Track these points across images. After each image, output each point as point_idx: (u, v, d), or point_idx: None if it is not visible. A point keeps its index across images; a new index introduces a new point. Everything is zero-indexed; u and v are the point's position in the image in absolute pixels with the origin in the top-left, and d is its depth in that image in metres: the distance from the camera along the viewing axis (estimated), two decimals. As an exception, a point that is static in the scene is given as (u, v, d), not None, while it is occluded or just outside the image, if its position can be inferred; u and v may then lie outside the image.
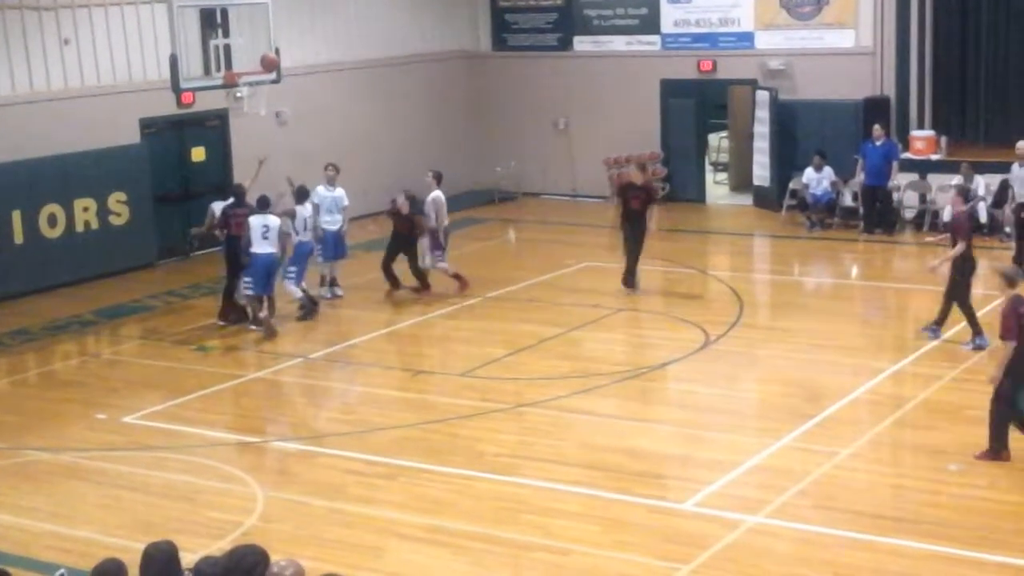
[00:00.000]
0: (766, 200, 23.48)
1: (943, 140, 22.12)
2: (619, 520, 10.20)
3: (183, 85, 18.31)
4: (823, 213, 21.73)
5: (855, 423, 12.30)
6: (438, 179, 17.85)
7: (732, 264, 20.48)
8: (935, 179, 21.45)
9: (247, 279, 15.86)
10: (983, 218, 20.44)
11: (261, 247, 15.66)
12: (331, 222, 17.44)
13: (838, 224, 21.50)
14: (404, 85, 24.93)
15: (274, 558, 6.60)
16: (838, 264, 20.03)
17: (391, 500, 10.73)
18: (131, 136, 20.21)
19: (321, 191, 17.52)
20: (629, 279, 17.39)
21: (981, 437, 11.61)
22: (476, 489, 10.95)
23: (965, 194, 16.42)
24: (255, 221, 15.77)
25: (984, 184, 20.63)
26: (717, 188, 25.99)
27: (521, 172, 25.65)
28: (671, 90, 24.69)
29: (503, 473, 11.27)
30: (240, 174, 21.71)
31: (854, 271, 19.90)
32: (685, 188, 24.65)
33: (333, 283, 17.72)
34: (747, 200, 24.20)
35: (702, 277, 18.75)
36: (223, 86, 19.58)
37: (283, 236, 15.91)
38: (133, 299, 18.33)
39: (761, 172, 23.64)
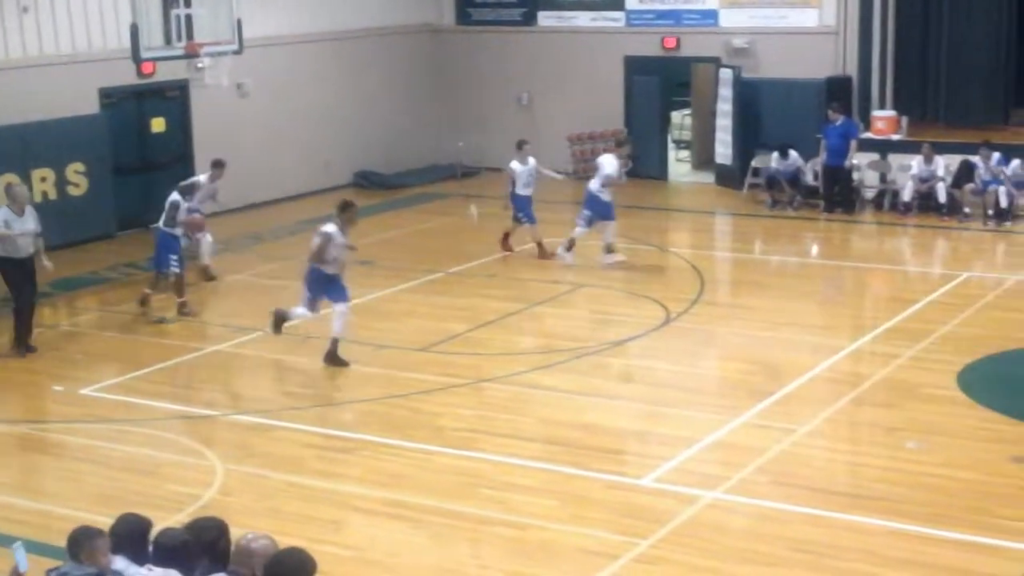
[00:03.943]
0: (728, 178, 23.55)
1: (904, 120, 22.24)
2: (578, 495, 10.23)
3: (143, 55, 18.09)
4: (785, 193, 21.81)
5: (814, 401, 12.38)
6: (519, 147, 18.56)
7: (693, 241, 20.56)
8: (896, 159, 21.58)
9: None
10: (942, 198, 20.59)
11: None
12: None
13: (799, 203, 21.60)
14: (367, 58, 24.80)
15: (239, 532, 6.61)
16: (798, 243, 20.13)
17: (350, 474, 10.72)
18: (90, 106, 20.01)
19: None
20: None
21: (938, 415, 11.77)
22: (436, 463, 10.95)
23: None
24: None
25: (944, 165, 20.78)
26: (679, 166, 26.04)
27: (484, 147, 25.58)
28: (635, 67, 24.69)
29: (463, 448, 11.28)
30: (200, 146, 21.62)
31: (814, 250, 20.01)
32: (647, 165, 24.65)
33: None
34: (709, 178, 24.26)
35: (663, 254, 18.82)
36: (184, 56, 19.36)
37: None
38: (91, 271, 18.19)
39: (723, 150, 23.69)
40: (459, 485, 10.46)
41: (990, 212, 20.24)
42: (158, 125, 21.23)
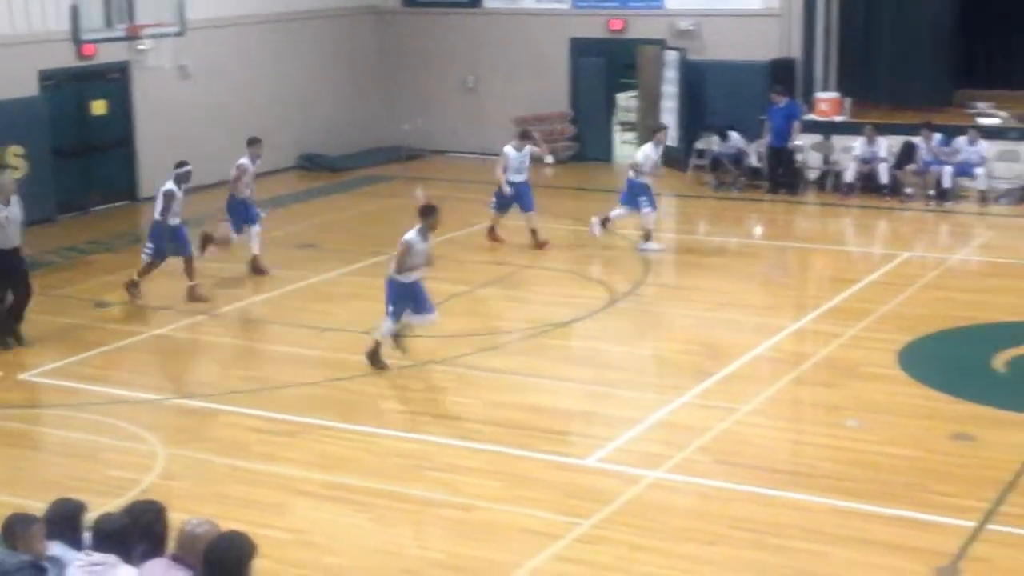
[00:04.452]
0: (673, 160, 23.57)
1: (847, 102, 22.40)
2: (522, 476, 10.25)
3: (84, 36, 17.92)
4: (729, 174, 21.92)
5: (756, 380, 12.46)
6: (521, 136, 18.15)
7: (638, 223, 20.58)
8: (839, 140, 21.74)
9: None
10: (884, 179, 20.78)
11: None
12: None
13: (743, 184, 21.72)
14: (312, 40, 24.64)
15: (181, 517, 6.56)
16: (742, 224, 20.24)
17: (294, 457, 10.67)
18: (30, 88, 19.71)
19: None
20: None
21: (879, 393, 11.89)
22: (380, 446, 10.94)
23: None
24: None
25: (886, 146, 20.97)
26: (625, 148, 26.04)
27: (429, 130, 25.51)
28: (581, 49, 24.70)
29: (407, 430, 11.27)
30: (142, 129, 21.41)
31: (758, 231, 20.12)
32: (593, 148, 24.71)
33: None
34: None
35: (609, 236, 18.83)
36: (125, 38, 19.20)
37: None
38: (31, 254, 17.90)
39: (669, 132, 23.71)
40: (403, 467, 10.45)
41: (931, 193, 20.46)
42: (99, 108, 20.99)
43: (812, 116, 22.15)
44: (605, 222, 17.88)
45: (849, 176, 21.12)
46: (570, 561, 8.81)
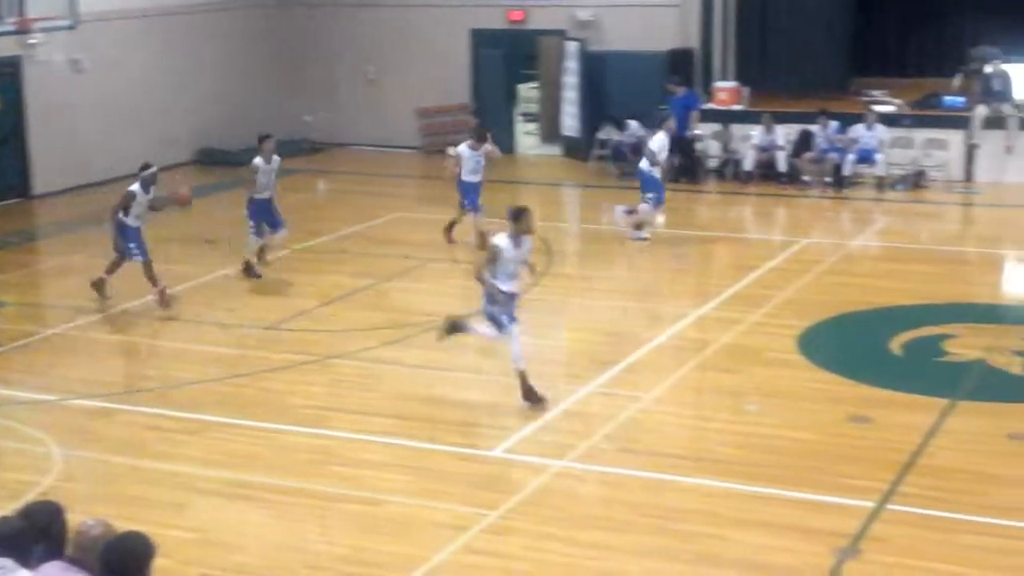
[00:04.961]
0: (575, 150, 23.72)
1: (745, 91, 22.66)
2: (429, 469, 10.22)
3: (-29, 30, 17.48)
4: (630, 164, 22.04)
5: (659, 368, 12.56)
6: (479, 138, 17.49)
7: (542, 214, 20.42)
8: (738, 129, 21.99)
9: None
10: (782, 167, 21.07)
11: None
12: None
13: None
14: (208, 33, 24.30)
15: (80, 518, 6.42)
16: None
17: (195, 456, 10.52)
18: (-84, 84, 19.23)
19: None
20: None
21: (779, 378, 12.06)
22: (283, 442, 10.83)
23: None
24: None
25: (784, 134, 21.25)
26: (527, 139, 26.12)
27: (331, 122, 25.32)
28: (481, 40, 24.68)
29: (312, 425, 11.17)
30: (34, 124, 20.94)
31: (659, 220, 20.23)
32: (495, 139, 24.63)
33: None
34: (557, 150, 24.41)
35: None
36: (16, 32, 18.75)
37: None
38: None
39: (570, 122, 23.86)
40: (308, 463, 10.36)
41: (828, 180, 20.79)
42: (-10, 103, 20.53)
43: (711, 105, 22.38)
44: (631, 212, 17.73)
45: (748, 164, 21.38)
46: (477, 552, 8.80)
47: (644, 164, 17.51)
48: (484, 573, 8.58)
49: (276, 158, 15.96)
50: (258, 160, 15.83)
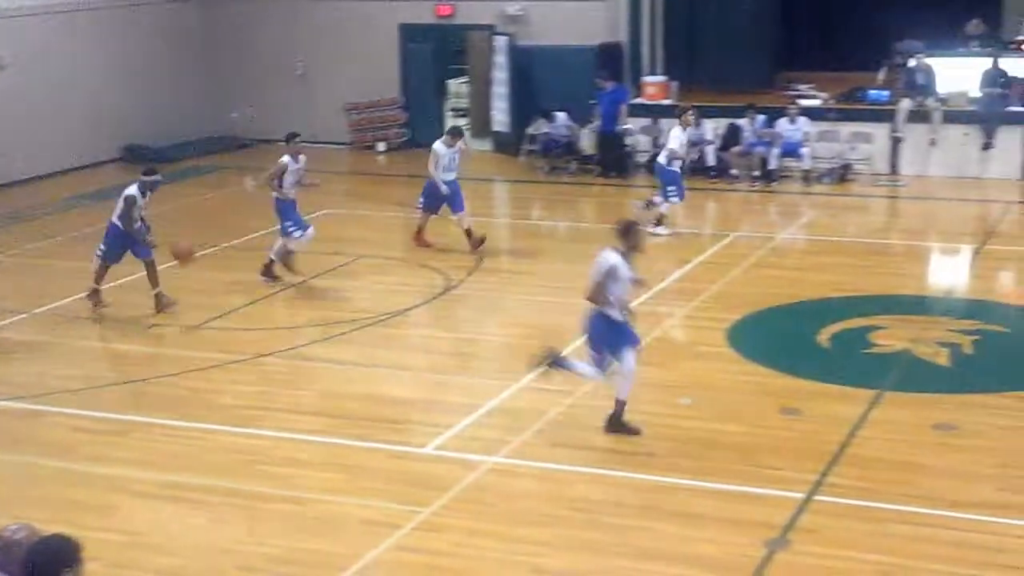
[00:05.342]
0: (505, 145, 23.72)
1: (674, 86, 22.79)
2: (361, 467, 10.17)
3: None
4: (561, 158, 22.11)
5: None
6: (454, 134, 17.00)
7: (472, 209, 20.54)
8: (667, 123, 22.07)
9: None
10: (711, 161, 21.22)
11: None
12: None
13: (575, 168, 21.92)
14: (134, 29, 24.01)
15: (4, 522, 6.31)
16: (575, 208, 20.44)
17: (123, 457, 10.39)
18: None
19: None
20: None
21: (710, 371, 12.14)
22: (214, 442, 10.73)
23: None
24: None
25: (712, 128, 21.40)
26: (457, 134, 26.05)
27: (259, 119, 25.11)
28: (410, 35, 24.61)
29: (242, 425, 11.07)
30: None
31: (590, 214, 20.34)
32: (424, 134, 24.59)
33: None
34: (487, 146, 24.39)
35: (442, 223, 18.79)
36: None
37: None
38: None
39: (500, 117, 23.87)
40: (238, 463, 10.27)
41: (756, 173, 20.97)
42: (-92, 100, 20.13)
43: (640, 100, 22.48)
44: (649, 205, 17.69)
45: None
46: (409, 550, 8.78)
47: (662, 159, 17.54)
48: (416, 570, 8.56)
49: (302, 157, 15.50)
50: (286, 159, 15.29)
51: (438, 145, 16.70)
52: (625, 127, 21.74)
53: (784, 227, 18.51)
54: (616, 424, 10.55)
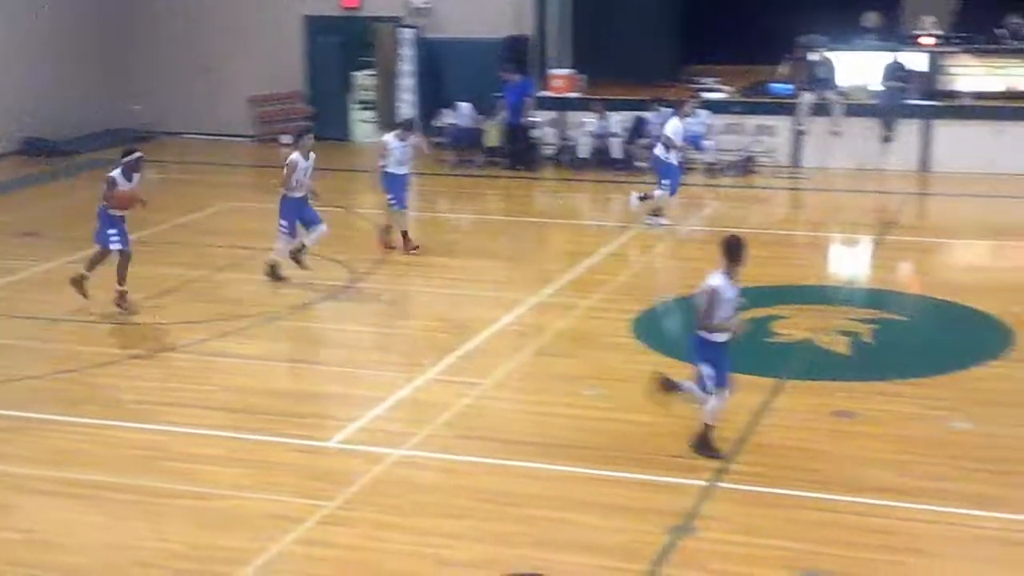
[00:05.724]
0: (412, 138, 23.60)
1: (580, 78, 22.87)
2: (265, 461, 10.06)
3: None
4: (468, 151, 22.09)
5: (498, 354, 12.59)
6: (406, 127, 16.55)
7: (379, 202, 20.48)
8: (573, 116, 22.19)
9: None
10: (617, 154, 21.33)
11: None
12: None
13: (483, 161, 21.90)
14: (32, 20, 23.48)
15: None
16: (482, 200, 20.43)
17: (20, 455, 10.16)
18: None
19: None
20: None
21: (615, 361, 12.20)
22: (114, 438, 10.54)
23: None
24: None
25: (618, 121, 21.52)
26: (363, 127, 25.91)
27: (161, 111, 24.74)
28: (315, 27, 24.41)
29: (144, 421, 10.90)
30: None
31: (497, 206, 20.34)
32: (331, 127, 24.44)
33: None
34: (394, 138, 24.25)
35: (348, 216, 18.70)
36: None
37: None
38: None
39: (406, 110, 23.73)
40: (139, 459, 10.10)
41: (661, 166, 21.09)
42: None
43: (547, 93, 22.53)
44: (644, 198, 17.56)
45: (583, 151, 21.59)
46: (314, 544, 8.70)
47: (659, 150, 17.47)
48: (321, 564, 8.48)
49: (312, 155, 15.02)
50: (296, 156, 14.80)
51: (389, 138, 16.34)
52: (532, 120, 21.77)
53: (688, 218, 18.66)
54: (703, 443, 9.91)
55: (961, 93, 21.50)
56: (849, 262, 16.92)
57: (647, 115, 21.45)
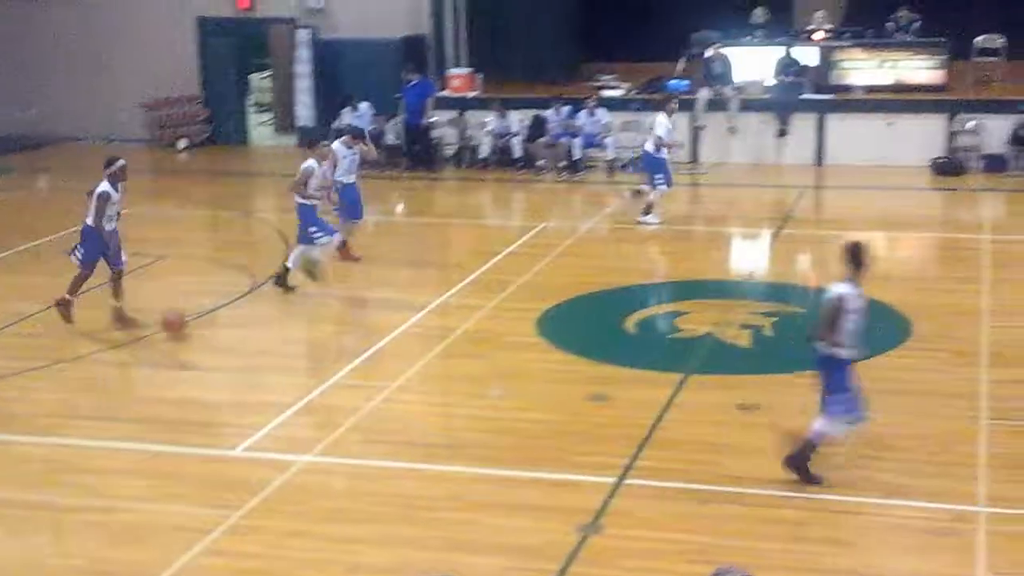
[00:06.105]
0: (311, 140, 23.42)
1: (479, 78, 22.88)
2: (169, 472, 9.91)
3: None
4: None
5: (403, 357, 12.53)
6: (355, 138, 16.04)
7: (279, 206, 20.24)
8: (473, 116, 22.19)
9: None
10: (517, 153, 21.37)
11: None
12: None
13: (383, 162, 21.78)
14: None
15: None
16: (383, 202, 20.29)
17: (-87, 474, 9.91)
18: None
19: None
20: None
21: (521, 361, 12.23)
22: (11, 453, 10.31)
23: None
24: None
25: (518, 120, 21.57)
26: (261, 129, 25.70)
27: (52, 116, 24.25)
28: (209, 29, 24.10)
29: (42, 434, 10.67)
30: None
31: (399, 208, 20.27)
32: (227, 130, 24.21)
33: None
34: (292, 141, 24.07)
35: (248, 220, 18.51)
36: None
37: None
38: None
39: (305, 112, 23.60)
40: (39, 474, 9.89)
41: (562, 164, 21.21)
42: None
43: (446, 92, 22.50)
44: (637, 193, 17.54)
45: (484, 151, 21.60)
46: (220, 554, 8.58)
47: (649, 147, 17.44)
48: (227, 575, 8.37)
49: (328, 161, 14.79)
50: (312, 163, 14.59)
51: (337, 146, 15.90)
52: (431, 120, 21.72)
53: (590, 217, 18.76)
54: (796, 463, 9.28)
55: (853, 87, 21.90)
56: (749, 256, 17.14)
57: (547, 113, 21.52)
